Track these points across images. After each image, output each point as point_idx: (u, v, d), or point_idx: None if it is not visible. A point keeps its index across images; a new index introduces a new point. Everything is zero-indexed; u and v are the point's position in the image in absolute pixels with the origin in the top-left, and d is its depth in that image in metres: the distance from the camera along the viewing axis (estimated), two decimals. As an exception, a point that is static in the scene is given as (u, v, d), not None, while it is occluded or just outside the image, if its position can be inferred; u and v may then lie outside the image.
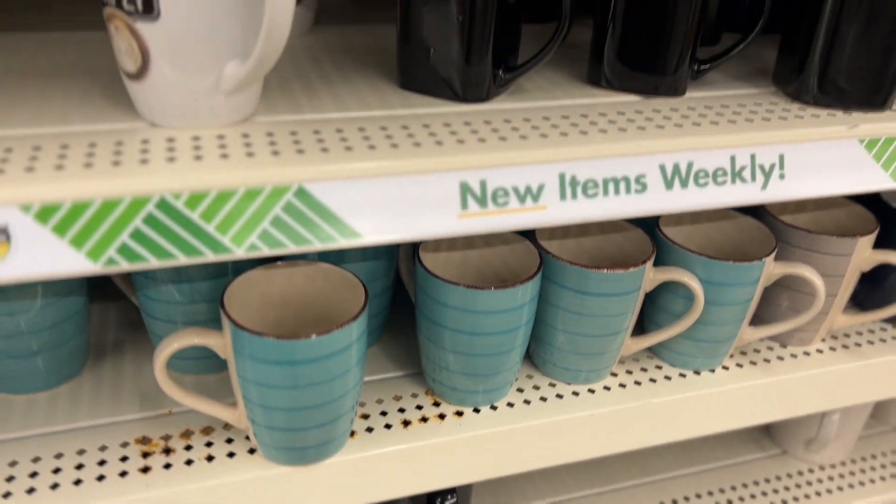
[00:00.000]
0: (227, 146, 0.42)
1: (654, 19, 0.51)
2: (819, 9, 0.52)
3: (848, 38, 0.51)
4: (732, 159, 0.49)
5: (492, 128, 0.47)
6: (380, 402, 0.57)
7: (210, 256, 0.39)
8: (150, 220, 0.38)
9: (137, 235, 0.38)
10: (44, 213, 0.36)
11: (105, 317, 0.63)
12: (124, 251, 0.38)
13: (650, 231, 0.59)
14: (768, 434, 0.87)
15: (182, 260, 0.39)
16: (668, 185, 0.47)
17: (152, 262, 0.39)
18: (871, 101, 0.53)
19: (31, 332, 0.52)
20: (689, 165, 0.48)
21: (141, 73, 0.42)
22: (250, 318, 0.50)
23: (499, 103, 0.51)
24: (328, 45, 0.61)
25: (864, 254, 0.61)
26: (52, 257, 0.37)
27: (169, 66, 0.41)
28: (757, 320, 0.64)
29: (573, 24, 0.49)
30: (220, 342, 0.47)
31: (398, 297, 0.64)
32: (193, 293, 0.54)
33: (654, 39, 0.52)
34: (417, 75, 0.51)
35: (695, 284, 0.56)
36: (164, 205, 0.38)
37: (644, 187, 0.47)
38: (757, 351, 0.65)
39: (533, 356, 0.61)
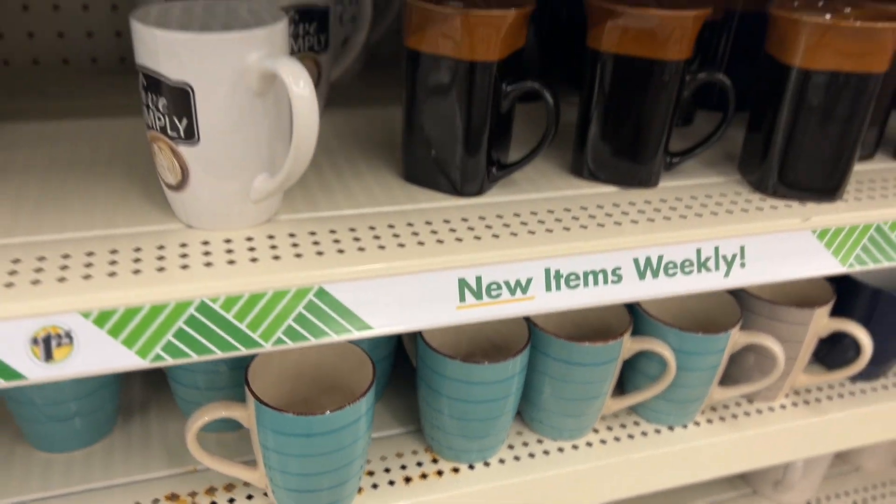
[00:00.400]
0: (256, 249, 0.48)
1: (629, 121, 0.58)
2: (776, 111, 0.58)
3: (803, 138, 0.58)
4: (698, 251, 0.55)
5: (486, 224, 0.53)
6: (383, 458, 0.63)
7: (242, 351, 0.46)
8: (192, 322, 0.44)
9: (180, 334, 0.44)
10: (101, 319, 0.42)
11: (131, 378, 0.69)
12: (169, 348, 0.44)
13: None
14: (740, 475, 0.93)
15: (218, 354, 0.45)
16: (641, 275, 0.54)
17: (193, 357, 0.45)
18: (824, 193, 0.60)
19: (73, 398, 0.57)
20: (660, 258, 0.54)
21: (180, 185, 0.48)
22: (269, 389, 0.56)
23: (492, 196, 0.57)
24: (338, 132, 0.67)
25: (822, 322, 0.68)
26: (107, 356, 0.43)
27: (205, 181, 0.47)
28: (726, 378, 0.71)
29: (560, 108, 0.55)
30: (244, 414, 0.53)
31: (399, 357, 0.70)
32: (216, 361, 0.60)
33: (630, 138, 0.58)
34: (420, 170, 0.57)
35: (667, 353, 0.62)
36: (203, 307, 0.44)
37: (620, 278, 0.53)
38: (726, 407, 0.72)
39: (523, 414, 0.67)
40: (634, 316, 0.64)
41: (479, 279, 0.50)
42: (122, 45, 0.78)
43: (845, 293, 0.72)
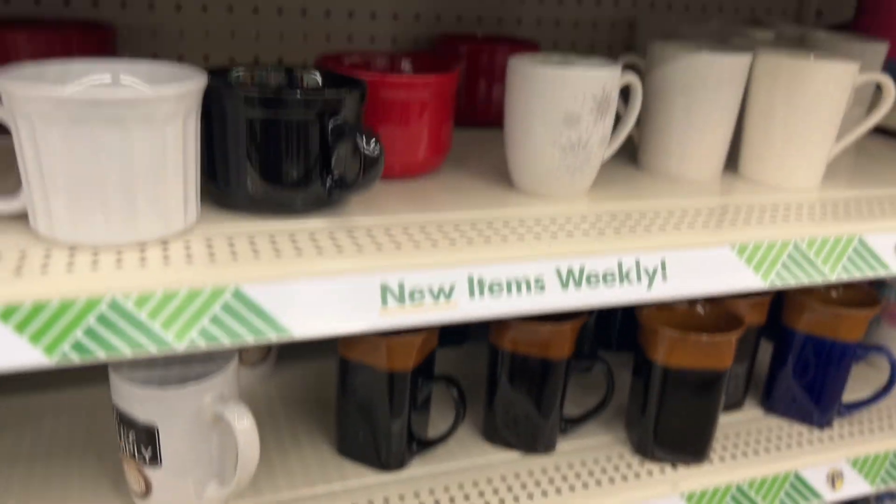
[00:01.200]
0: (205, 547, 0.57)
1: (526, 400, 0.69)
2: (646, 389, 0.70)
3: (669, 415, 0.70)
4: (581, 526, 0.65)
5: (404, 504, 0.63)
6: None
7: None
8: None
9: None
10: None
11: None
12: None
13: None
14: None
15: None
16: (534, 549, 0.64)
17: None
18: (692, 456, 0.71)
19: None
20: (550, 533, 0.64)
21: (144, 494, 0.57)
22: None
23: (414, 468, 0.68)
24: (283, 396, 0.77)
25: (705, 557, 0.78)
26: None
27: (165, 492, 0.57)
28: None
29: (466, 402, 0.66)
30: None
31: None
32: None
33: (528, 413, 0.70)
34: (350, 447, 0.68)
35: None
36: None
37: (516, 553, 0.63)
38: None
39: None
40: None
41: (394, 564, 0.60)
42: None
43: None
